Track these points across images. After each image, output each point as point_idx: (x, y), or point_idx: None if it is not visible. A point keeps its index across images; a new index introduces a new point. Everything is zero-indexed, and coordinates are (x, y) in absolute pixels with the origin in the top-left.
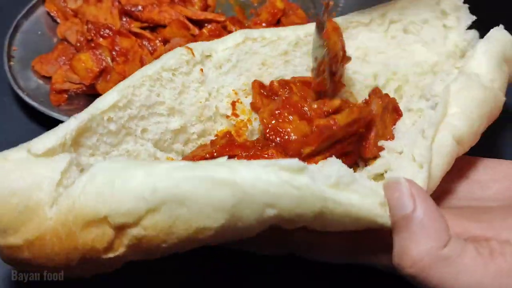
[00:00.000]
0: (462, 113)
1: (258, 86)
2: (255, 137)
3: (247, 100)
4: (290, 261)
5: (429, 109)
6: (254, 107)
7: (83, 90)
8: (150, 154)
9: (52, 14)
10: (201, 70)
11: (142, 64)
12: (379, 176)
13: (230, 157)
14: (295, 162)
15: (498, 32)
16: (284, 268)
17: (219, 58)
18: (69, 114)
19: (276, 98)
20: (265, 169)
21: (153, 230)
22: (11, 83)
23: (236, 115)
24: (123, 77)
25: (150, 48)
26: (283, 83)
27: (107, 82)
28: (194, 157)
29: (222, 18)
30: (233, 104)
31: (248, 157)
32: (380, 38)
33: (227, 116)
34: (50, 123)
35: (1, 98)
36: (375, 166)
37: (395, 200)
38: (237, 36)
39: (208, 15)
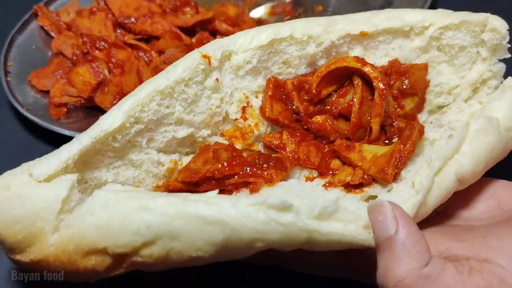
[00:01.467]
0: (472, 154)
1: (273, 85)
2: (259, 143)
3: (258, 102)
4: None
5: (441, 140)
6: (263, 113)
7: (81, 103)
8: (153, 161)
9: (45, 28)
10: (217, 79)
11: (139, 75)
12: (373, 197)
13: (230, 176)
14: (281, 201)
15: None
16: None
17: (239, 60)
18: (69, 127)
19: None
20: (254, 207)
21: (149, 258)
22: (10, 99)
23: (245, 119)
24: (120, 88)
25: (146, 59)
26: (298, 85)
27: (105, 94)
28: (196, 173)
29: (209, 15)
30: (243, 108)
31: (248, 176)
32: (412, 49)
33: (236, 119)
34: (45, 133)
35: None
36: (374, 190)
37: (379, 223)
38: (264, 36)
39: (198, 17)
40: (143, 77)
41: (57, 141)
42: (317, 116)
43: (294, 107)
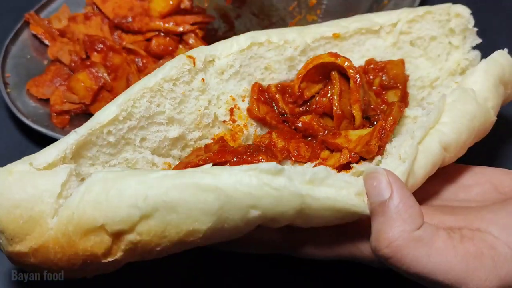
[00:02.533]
0: (452, 123)
1: (257, 89)
2: (250, 142)
3: (245, 105)
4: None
5: (423, 116)
6: (250, 113)
7: (82, 109)
8: (148, 161)
9: (39, 36)
10: (203, 80)
11: (128, 82)
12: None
13: (222, 163)
14: (273, 165)
15: (500, 55)
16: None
17: (222, 64)
18: None
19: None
20: (247, 173)
21: (147, 235)
22: (14, 111)
23: (234, 121)
24: (114, 94)
25: (141, 65)
26: (281, 89)
27: (98, 102)
28: (188, 163)
29: (210, 19)
30: (231, 110)
31: (239, 163)
32: (386, 47)
33: (224, 121)
34: (48, 143)
35: None
36: (362, 166)
37: (373, 188)
38: (242, 41)
39: (197, 19)
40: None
41: None
42: (304, 116)
43: (280, 109)
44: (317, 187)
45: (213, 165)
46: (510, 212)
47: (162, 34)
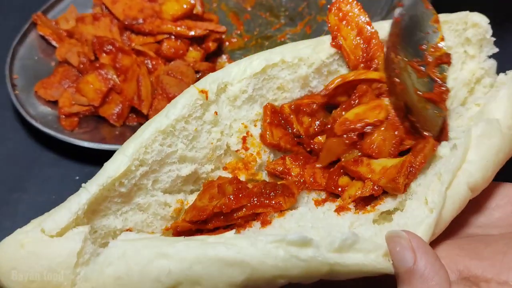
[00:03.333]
0: (480, 162)
1: (270, 112)
2: (263, 171)
3: (257, 130)
4: None
5: (446, 149)
6: (264, 140)
7: (91, 111)
8: (160, 203)
9: (46, 37)
10: (215, 113)
11: (138, 84)
12: (387, 215)
13: (238, 209)
14: (300, 236)
15: None
16: None
17: (235, 90)
18: (80, 137)
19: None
20: (273, 245)
21: None
22: (22, 113)
23: (246, 148)
24: (123, 96)
25: (151, 67)
26: (295, 108)
27: (108, 104)
28: (202, 210)
29: (222, 29)
30: (244, 138)
31: (256, 207)
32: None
33: (237, 151)
34: (54, 144)
35: (3, 113)
36: (385, 205)
37: (397, 253)
38: (256, 64)
39: (209, 26)
40: (142, 87)
41: (67, 150)
42: (319, 137)
43: (294, 130)
44: (346, 253)
45: (228, 212)
46: None
47: (173, 37)
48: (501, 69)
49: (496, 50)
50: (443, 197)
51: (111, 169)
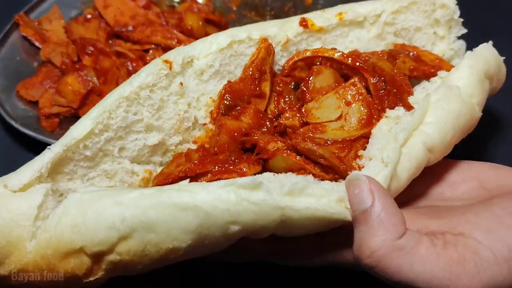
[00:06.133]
0: (437, 123)
1: (225, 92)
2: None
3: None
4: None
5: (407, 116)
6: (213, 119)
7: (71, 113)
8: (127, 170)
9: (29, 38)
10: (181, 83)
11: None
12: None
13: (203, 173)
14: (250, 179)
15: (485, 49)
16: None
17: (201, 64)
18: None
19: None
20: (224, 189)
21: (127, 255)
22: (2, 114)
23: (214, 122)
24: (102, 98)
25: (131, 69)
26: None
27: (88, 106)
28: (168, 175)
29: None
30: (211, 113)
31: (221, 172)
32: (369, 39)
33: (205, 124)
34: (35, 145)
35: None
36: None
37: (355, 196)
38: (222, 39)
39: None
40: None
41: None
42: (286, 114)
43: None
44: (297, 197)
45: (193, 177)
46: (493, 214)
47: (161, 48)
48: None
49: (464, 30)
50: (398, 152)
51: (75, 132)
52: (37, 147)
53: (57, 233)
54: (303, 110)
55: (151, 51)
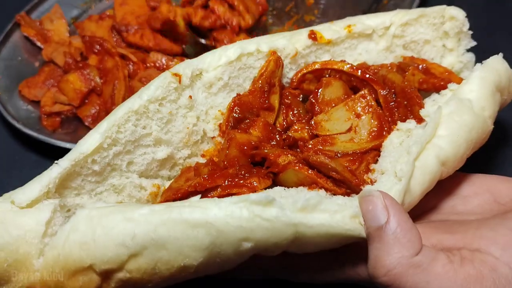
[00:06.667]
0: (450, 136)
1: (234, 105)
2: None
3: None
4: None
5: (418, 129)
6: (222, 132)
7: (72, 112)
8: (135, 185)
9: (31, 38)
10: (190, 97)
11: (113, 88)
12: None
13: (213, 188)
14: (263, 195)
15: (496, 61)
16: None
17: (210, 77)
18: (62, 138)
19: None
20: (237, 205)
21: (137, 273)
22: (4, 114)
23: (223, 135)
24: (102, 98)
25: (132, 71)
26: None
27: (86, 105)
28: (178, 190)
29: None
30: (220, 126)
31: (231, 187)
32: (378, 51)
33: (213, 137)
34: (36, 145)
35: None
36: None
37: (369, 213)
38: (231, 52)
39: None
40: (116, 91)
41: (48, 152)
42: (295, 126)
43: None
44: (310, 214)
45: (202, 192)
46: (510, 229)
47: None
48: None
49: (474, 43)
50: (411, 166)
51: (83, 146)
52: (39, 147)
53: (65, 251)
54: (312, 122)
55: (151, 54)
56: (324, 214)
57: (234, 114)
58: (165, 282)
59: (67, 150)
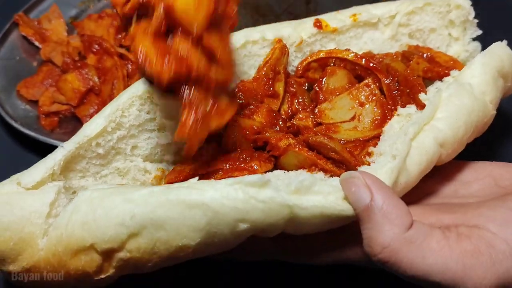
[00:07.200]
0: (448, 118)
1: (238, 91)
2: None
3: None
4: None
5: (418, 113)
6: None
7: (71, 112)
8: (140, 169)
9: (29, 37)
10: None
11: (112, 87)
12: None
13: (214, 172)
14: (258, 177)
15: (499, 47)
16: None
17: None
18: (60, 138)
19: None
20: (232, 187)
21: (137, 252)
22: (2, 114)
23: None
24: (101, 97)
25: (131, 71)
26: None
27: (85, 105)
28: (180, 172)
29: None
30: None
31: (232, 170)
32: (384, 40)
33: None
34: (36, 145)
35: None
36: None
37: (353, 194)
38: (236, 40)
39: None
40: (115, 90)
41: (46, 152)
42: (300, 114)
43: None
44: (304, 195)
45: (204, 175)
46: (509, 208)
47: None
48: None
49: (479, 32)
50: (407, 145)
51: (88, 129)
52: (38, 147)
53: (68, 231)
54: (316, 111)
55: None
56: (318, 195)
57: (238, 100)
58: (165, 262)
59: None
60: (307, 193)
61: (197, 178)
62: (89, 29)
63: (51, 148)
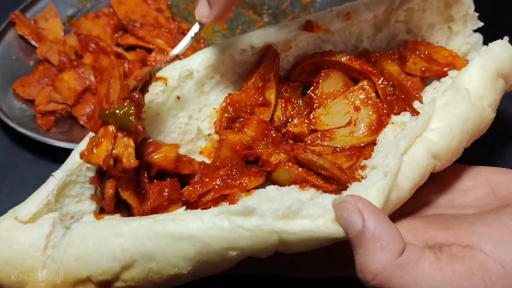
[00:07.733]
0: (442, 129)
1: (226, 105)
2: None
3: None
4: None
5: (412, 121)
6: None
7: (67, 111)
8: None
9: (25, 37)
10: (178, 97)
11: (109, 87)
12: None
13: (205, 194)
14: (243, 206)
15: (498, 46)
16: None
17: (201, 76)
18: (56, 137)
19: None
20: (218, 217)
21: (132, 281)
22: None
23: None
24: (97, 97)
25: (127, 70)
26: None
27: (81, 104)
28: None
29: None
30: (215, 124)
31: (223, 188)
32: (380, 37)
33: (209, 135)
34: (32, 145)
35: None
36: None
37: (345, 219)
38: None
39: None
40: (111, 89)
41: (43, 151)
42: (295, 120)
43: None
44: (292, 220)
45: (190, 205)
46: (503, 224)
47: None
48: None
49: (480, 24)
50: (398, 161)
51: (76, 156)
52: (34, 146)
53: (64, 264)
54: (311, 117)
55: (153, 53)
56: (306, 219)
57: (226, 114)
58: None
59: (61, 149)
60: (295, 218)
61: (184, 208)
62: (85, 28)
63: (47, 148)
